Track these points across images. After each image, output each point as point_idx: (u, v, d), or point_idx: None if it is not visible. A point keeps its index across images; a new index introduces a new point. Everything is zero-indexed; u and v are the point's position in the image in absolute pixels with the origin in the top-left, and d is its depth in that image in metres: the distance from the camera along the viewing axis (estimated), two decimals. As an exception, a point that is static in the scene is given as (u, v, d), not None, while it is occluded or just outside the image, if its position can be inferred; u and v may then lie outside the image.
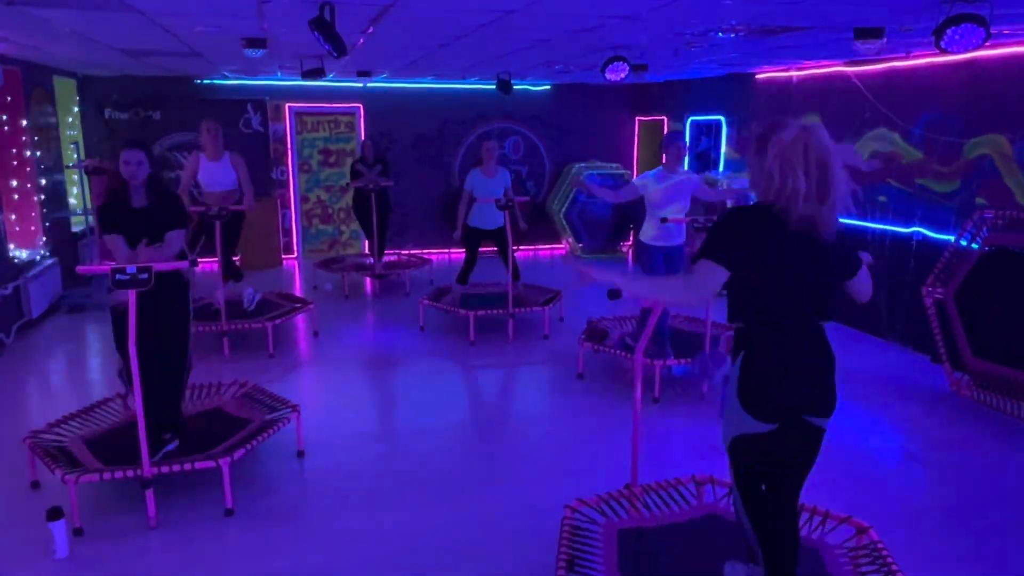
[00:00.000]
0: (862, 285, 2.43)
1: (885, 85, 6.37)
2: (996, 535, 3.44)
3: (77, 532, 3.35)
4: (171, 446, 3.77)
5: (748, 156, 2.36)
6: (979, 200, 5.53)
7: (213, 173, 6.21)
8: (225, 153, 6.24)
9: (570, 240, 10.68)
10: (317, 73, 6.72)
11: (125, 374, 3.99)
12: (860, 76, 6.58)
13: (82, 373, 5.78)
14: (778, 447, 2.36)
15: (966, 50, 3.63)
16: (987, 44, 3.72)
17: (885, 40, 4.57)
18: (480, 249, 7.04)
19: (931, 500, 3.81)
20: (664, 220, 5.29)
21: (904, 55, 6.00)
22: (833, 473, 4.06)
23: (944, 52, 3.68)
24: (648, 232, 5.49)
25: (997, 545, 3.36)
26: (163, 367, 3.84)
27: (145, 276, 3.23)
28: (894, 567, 2.75)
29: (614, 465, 4.01)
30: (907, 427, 4.76)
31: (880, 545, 2.91)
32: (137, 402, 3.35)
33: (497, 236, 6.80)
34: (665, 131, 10.17)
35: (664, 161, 5.35)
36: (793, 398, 2.31)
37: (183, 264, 3.54)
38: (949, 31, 3.54)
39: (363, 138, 9.51)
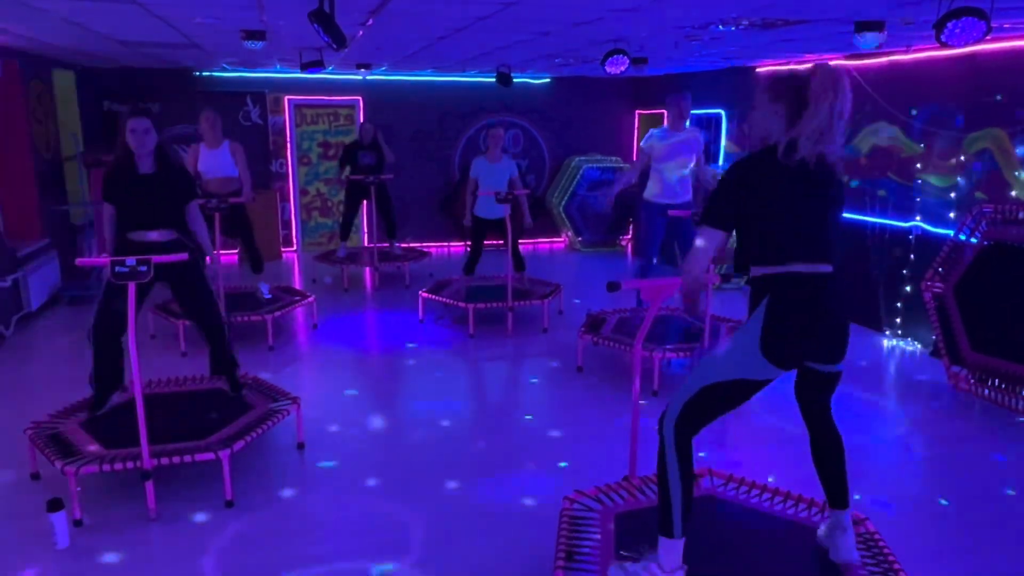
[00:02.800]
0: None
1: (885, 79, 6.36)
2: (992, 528, 3.45)
3: (77, 523, 3.36)
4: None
5: (756, 106, 2.46)
6: (978, 195, 5.53)
7: (212, 160, 6.34)
8: (224, 141, 6.39)
9: (570, 234, 10.68)
10: (316, 65, 6.71)
11: (96, 376, 4.05)
12: (860, 70, 6.57)
13: (82, 365, 5.77)
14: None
15: (966, 44, 3.63)
16: (988, 38, 3.72)
17: (886, 33, 4.56)
18: (485, 241, 7.04)
19: (928, 493, 3.83)
20: (667, 213, 5.30)
21: (905, 49, 5.99)
22: (831, 466, 4.07)
23: (944, 46, 3.68)
24: (652, 189, 5.54)
25: (993, 538, 3.38)
26: (206, 328, 4.30)
27: (144, 268, 3.24)
28: (891, 557, 2.76)
29: (613, 458, 4.02)
30: (905, 421, 4.77)
31: (877, 536, 2.92)
32: (136, 393, 3.35)
33: (500, 226, 6.80)
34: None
35: (667, 120, 5.46)
36: (811, 349, 2.42)
37: (182, 256, 3.54)
38: (949, 24, 3.53)
39: (362, 121, 9.49)
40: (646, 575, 2.53)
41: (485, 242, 7.23)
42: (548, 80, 10.62)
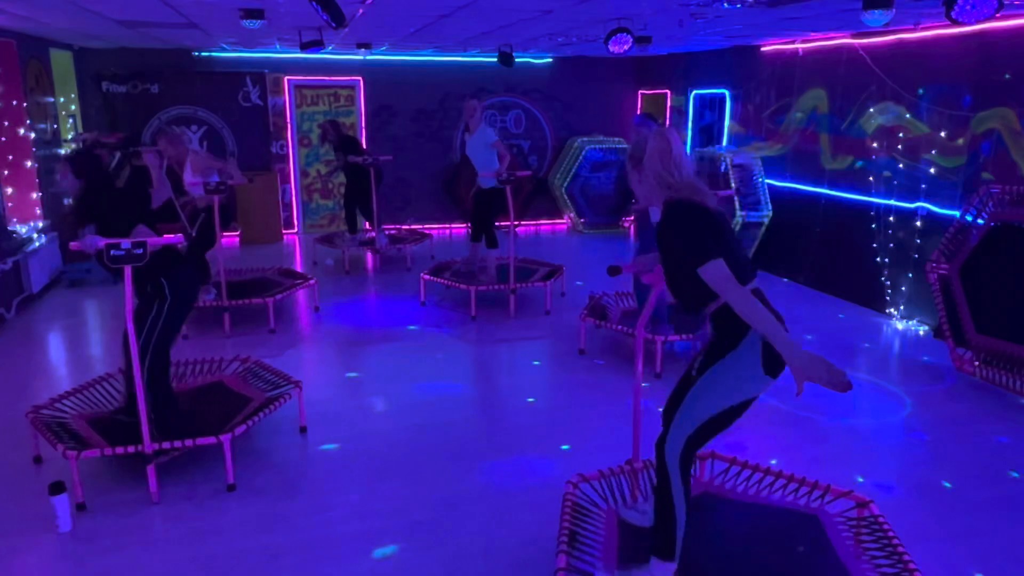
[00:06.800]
0: None
1: (892, 57, 6.27)
2: (996, 510, 3.44)
3: (80, 507, 3.36)
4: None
5: (633, 175, 2.60)
6: (985, 175, 5.47)
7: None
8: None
9: (572, 215, 10.62)
10: (316, 45, 6.63)
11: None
12: (867, 48, 6.48)
13: (83, 348, 5.77)
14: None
15: (978, 20, 3.56)
16: (999, 15, 3.65)
17: (894, 11, 4.47)
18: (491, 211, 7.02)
19: (933, 475, 3.81)
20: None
21: (912, 27, 5.90)
22: (835, 448, 4.07)
23: (955, 23, 3.61)
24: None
25: (997, 520, 3.37)
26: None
27: (140, 251, 3.20)
28: (895, 540, 2.75)
29: (615, 440, 4.01)
30: (910, 402, 4.75)
31: (881, 519, 2.91)
32: (136, 378, 3.34)
33: (489, 198, 6.81)
34: (668, 104, 10.07)
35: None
36: None
37: (177, 238, 3.49)
38: (960, 0, 3.46)
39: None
40: None
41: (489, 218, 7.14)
42: (550, 60, 10.51)
